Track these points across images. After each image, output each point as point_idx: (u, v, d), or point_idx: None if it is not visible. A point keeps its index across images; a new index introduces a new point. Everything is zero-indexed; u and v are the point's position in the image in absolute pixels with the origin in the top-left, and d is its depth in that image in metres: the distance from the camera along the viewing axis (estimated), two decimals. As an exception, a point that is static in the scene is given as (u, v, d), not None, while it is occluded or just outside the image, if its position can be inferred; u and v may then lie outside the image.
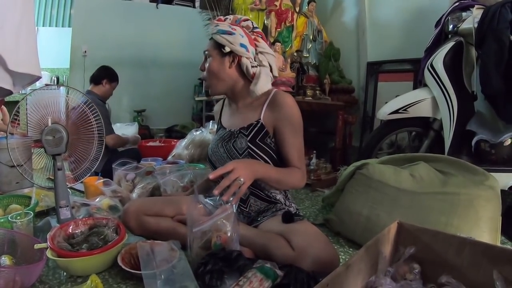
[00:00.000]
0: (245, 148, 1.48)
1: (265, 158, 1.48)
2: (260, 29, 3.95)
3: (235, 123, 1.58)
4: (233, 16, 1.57)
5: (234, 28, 1.49)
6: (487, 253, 1.02)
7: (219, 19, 1.55)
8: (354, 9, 3.88)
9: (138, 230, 1.53)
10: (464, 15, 2.21)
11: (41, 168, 1.79)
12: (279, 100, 1.50)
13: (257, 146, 1.49)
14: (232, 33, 1.47)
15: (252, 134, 1.50)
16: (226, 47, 1.48)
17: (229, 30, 1.48)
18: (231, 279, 1.12)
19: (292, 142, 1.48)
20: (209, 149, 1.66)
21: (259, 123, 1.51)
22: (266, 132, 1.50)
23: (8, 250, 1.33)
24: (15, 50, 1.50)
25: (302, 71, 3.72)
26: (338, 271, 0.86)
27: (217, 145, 1.59)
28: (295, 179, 1.46)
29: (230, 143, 1.53)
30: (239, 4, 3.76)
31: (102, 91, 2.94)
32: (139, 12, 5.28)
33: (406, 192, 1.63)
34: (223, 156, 1.55)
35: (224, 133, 1.60)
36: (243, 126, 1.53)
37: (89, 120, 1.74)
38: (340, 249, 1.67)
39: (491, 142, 2.05)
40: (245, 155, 1.48)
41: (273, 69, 1.56)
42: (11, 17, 1.47)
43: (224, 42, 1.47)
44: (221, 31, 1.48)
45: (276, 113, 1.49)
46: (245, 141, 1.50)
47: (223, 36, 1.48)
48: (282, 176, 1.43)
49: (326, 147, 3.63)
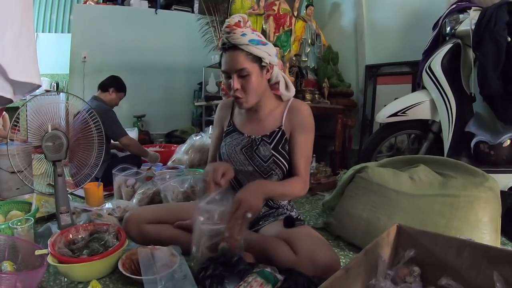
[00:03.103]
0: (270, 156, 1.47)
1: (286, 165, 1.48)
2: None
3: (256, 130, 1.54)
4: (241, 16, 1.41)
5: (259, 35, 1.40)
6: (487, 254, 1.02)
7: (236, 24, 1.37)
8: (352, 12, 3.89)
9: (139, 239, 1.53)
10: (461, 17, 2.22)
11: (42, 174, 1.79)
12: (298, 108, 1.51)
13: (280, 153, 1.48)
14: (265, 43, 1.39)
15: (275, 141, 1.49)
16: (265, 60, 1.40)
17: (261, 40, 1.38)
18: (231, 284, 1.12)
19: (302, 150, 1.48)
20: (223, 153, 1.57)
21: (280, 130, 1.50)
22: (286, 140, 1.50)
23: (9, 256, 1.33)
24: (15, 59, 1.51)
25: (301, 75, 3.72)
26: (337, 275, 0.86)
27: (235, 150, 1.54)
28: (297, 190, 1.44)
29: (252, 151, 1.50)
30: (237, 9, 3.77)
31: (109, 99, 2.96)
32: (138, 18, 5.30)
33: (406, 195, 1.63)
34: (244, 163, 1.51)
35: (243, 138, 1.55)
36: (266, 134, 1.51)
37: (89, 127, 1.74)
38: (341, 253, 1.67)
39: (490, 144, 2.05)
40: (270, 162, 1.46)
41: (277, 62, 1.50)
42: (11, 26, 1.47)
43: (263, 55, 1.39)
44: (255, 41, 1.36)
45: (293, 120, 1.50)
46: (268, 149, 1.48)
47: (259, 48, 1.37)
48: (286, 189, 1.41)
49: (325, 151, 3.64)
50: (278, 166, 1.47)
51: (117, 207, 2.00)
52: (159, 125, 5.42)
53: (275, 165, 1.46)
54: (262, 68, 1.42)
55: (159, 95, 5.47)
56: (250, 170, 1.50)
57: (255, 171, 1.49)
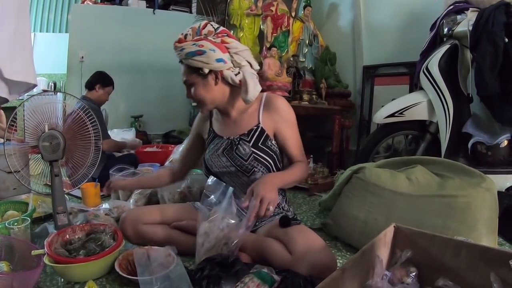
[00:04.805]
0: (250, 153, 1.48)
1: (269, 160, 1.50)
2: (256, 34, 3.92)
3: (234, 131, 1.57)
4: (191, 28, 1.46)
5: (201, 44, 1.40)
6: (483, 255, 1.02)
7: (180, 39, 1.45)
8: (349, 13, 3.89)
9: (135, 239, 1.54)
10: (458, 18, 2.22)
11: (38, 174, 1.79)
12: (274, 103, 1.55)
13: (261, 150, 1.50)
14: (203, 52, 1.39)
15: (254, 139, 1.51)
16: (204, 69, 1.42)
17: (198, 50, 1.39)
18: (228, 285, 1.12)
19: (294, 141, 1.56)
20: (207, 160, 1.60)
21: (259, 127, 1.52)
22: (267, 136, 1.52)
23: (5, 256, 1.33)
24: (11, 59, 1.51)
25: (298, 75, 3.73)
26: (333, 276, 0.86)
27: (217, 154, 1.56)
28: (301, 173, 1.52)
29: (233, 151, 1.52)
30: (234, 9, 3.77)
31: (96, 96, 2.95)
32: (136, 18, 5.28)
33: (403, 196, 1.63)
34: (226, 164, 1.53)
35: (223, 141, 1.57)
36: (243, 133, 1.53)
37: (85, 126, 1.73)
38: (338, 253, 1.67)
39: (488, 144, 2.06)
40: (250, 160, 1.48)
41: (252, 63, 1.51)
42: (6, 26, 1.47)
43: (200, 65, 1.41)
44: (191, 53, 1.40)
45: (275, 117, 1.53)
46: (248, 147, 1.50)
47: (195, 59, 1.41)
48: (294, 176, 1.49)
49: (323, 152, 3.64)
50: (260, 162, 1.49)
51: (114, 207, 2.00)
52: (156, 126, 5.40)
53: (256, 162, 1.48)
54: (205, 77, 1.45)
55: (157, 95, 5.45)
56: (233, 171, 1.53)
57: (237, 171, 1.52)
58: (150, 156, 3.29)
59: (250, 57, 1.51)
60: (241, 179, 1.54)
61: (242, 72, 1.47)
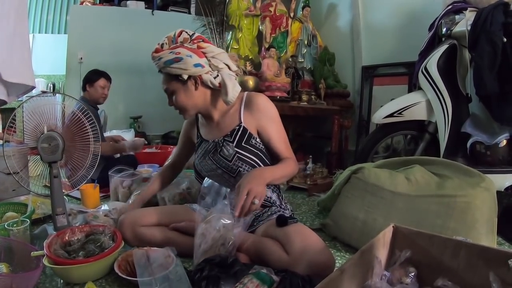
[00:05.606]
0: (233, 153, 1.51)
1: (254, 159, 1.52)
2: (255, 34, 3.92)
3: (217, 133, 1.60)
4: (166, 37, 1.51)
5: (178, 51, 1.44)
6: (483, 255, 1.02)
7: (157, 49, 1.49)
8: (348, 13, 3.90)
9: (134, 241, 1.53)
10: (457, 18, 2.23)
11: (38, 176, 1.78)
12: (255, 101, 1.56)
13: (245, 149, 1.51)
14: (180, 59, 1.43)
15: (237, 139, 1.53)
16: (183, 75, 1.45)
17: (176, 57, 1.43)
18: (227, 285, 1.12)
19: (279, 137, 1.56)
20: (196, 164, 1.66)
21: (241, 127, 1.54)
22: (250, 134, 1.54)
23: (4, 257, 1.33)
24: (9, 60, 1.50)
25: (297, 76, 3.74)
26: (332, 276, 0.85)
27: (204, 158, 1.60)
28: (292, 168, 1.52)
29: (217, 153, 1.55)
30: (233, 10, 3.77)
31: (89, 95, 2.93)
32: (135, 19, 5.27)
33: (402, 196, 1.63)
34: (212, 167, 1.57)
35: (208, 145, 1.60)
36: (226, 134, 1.55)
37: (84, 128, 1.73)
38: (337, 254, 1.67)
39: (487, 144, 2.06)
40: (234, 160, 1.50)
41: (230, 66, 1.53)
42: (5, 27, 1.47)
43: (179, 72, 1.45)
44: (168, 62, 1.44)
45: (256, 115, 1.54)
46: (231, 147, 1.52)
47: (173, 67, 1.44)
48: (283, 172, 1.48)
49: (322, 152, 3.64)
50: (245, 162, 1.51)
51: (113, 208, 2.00)
52: (155, 126, 5.40)
53: (241, 162, 1.50)
54: (184, 83, 1.49)
55: (156, 96, 5.41)
56: (220, 173, 1.56)
57: (224, 173, 1.55)
58: (149, 157, 3.29)
59: (227, 59, 1.54)
60: (229, 181, 1.56)
61: (220, 75, 1.49)
